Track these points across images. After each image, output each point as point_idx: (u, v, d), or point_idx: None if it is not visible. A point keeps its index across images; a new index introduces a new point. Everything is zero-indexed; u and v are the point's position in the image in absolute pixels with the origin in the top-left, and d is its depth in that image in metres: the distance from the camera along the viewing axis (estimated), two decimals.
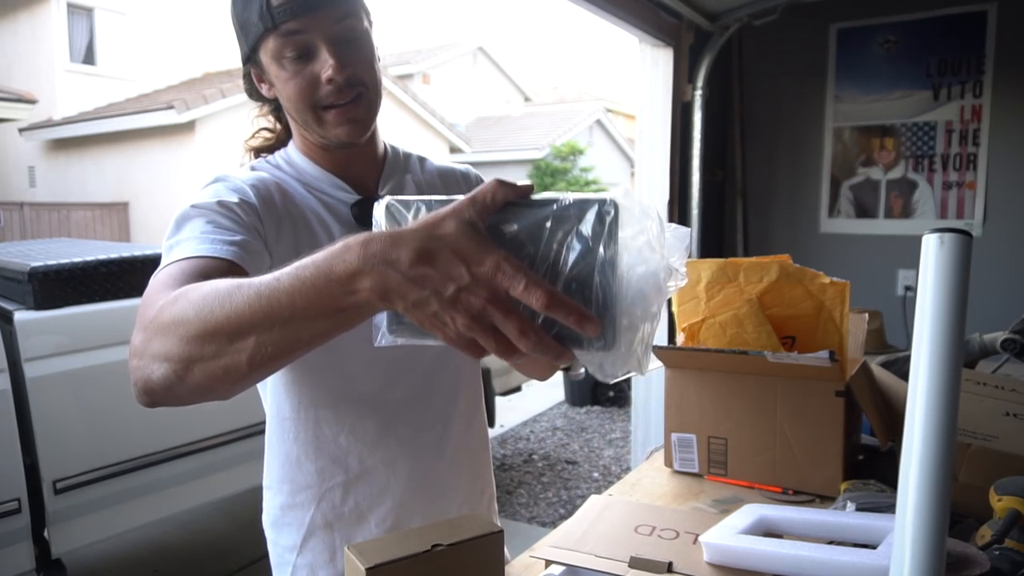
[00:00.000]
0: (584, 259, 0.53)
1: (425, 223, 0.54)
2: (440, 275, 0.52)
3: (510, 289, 0.52)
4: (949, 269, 0.58)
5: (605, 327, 0.53)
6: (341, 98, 0.90)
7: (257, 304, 0.58)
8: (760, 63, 3.42)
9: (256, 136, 1.06)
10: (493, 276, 0.52)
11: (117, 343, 2.45)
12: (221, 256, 0.78)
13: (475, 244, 0.52)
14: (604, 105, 18.42)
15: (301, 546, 1.00)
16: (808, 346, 1.22)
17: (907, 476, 0.57)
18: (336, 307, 0.56)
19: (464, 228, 0.53)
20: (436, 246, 0.52)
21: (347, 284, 0.54)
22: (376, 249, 0.53)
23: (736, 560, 0.85)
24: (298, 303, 0.56)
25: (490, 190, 0.55)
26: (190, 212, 0.85)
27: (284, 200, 0.94)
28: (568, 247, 0.54)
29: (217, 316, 0.60)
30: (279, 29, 0.87)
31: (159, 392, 0.65)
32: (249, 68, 0.96)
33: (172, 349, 0.63)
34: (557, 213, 0.54)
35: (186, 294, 0.65)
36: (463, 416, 1.06)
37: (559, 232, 0.54)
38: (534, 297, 0.51)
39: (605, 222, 0.53)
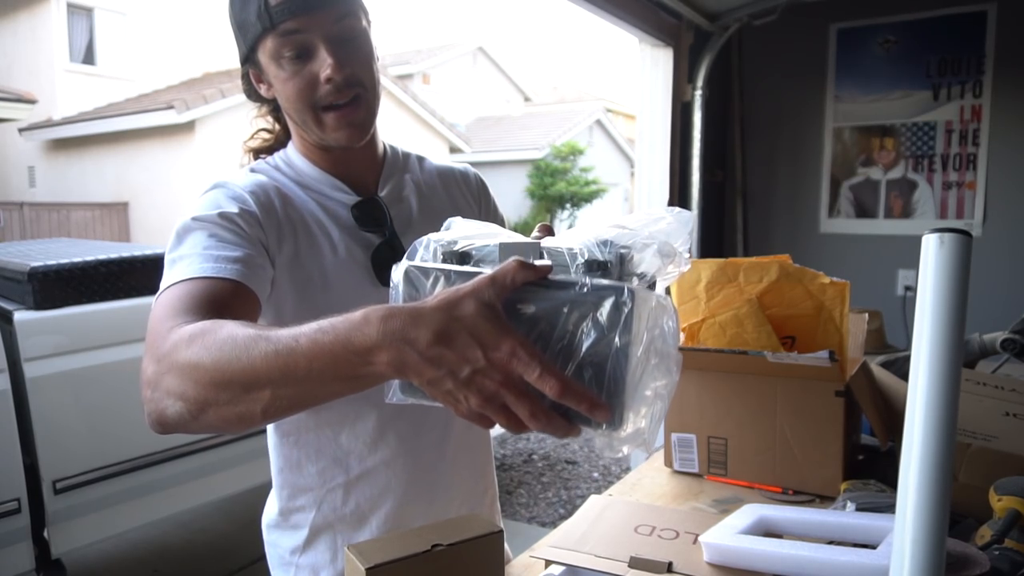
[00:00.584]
0: (598, 345, 0.55)
1: (444, 302, 0.55)
2: (457, 357, 0.54)
3: (524, 375, 0.53)
4: (949, 269, 0.58)
5: (614, 411, 0.55)
6: (340, 98, 0.90)
7: (274, 362, 0.59)
8: (760, 63, 3.42)
9: (255, 137, 1.06)
10: (509, 361, 0.53)
11: (117, 343, 2.45)
12: (225, 277, 0.78)
13: (492, 327, 0.54)
14: (604, 105, 18.42)
15: (303, 547, 1.00)
16: (808, 346, 1.22)
17: (907, 476, 0.57)
18: (351, 375, 0.57)
19: (482, 310, 0.54)
20: (455, 328, 0.53)
21: (364, 356, 0.55)
22: (395, 326, 0.54)
23: (736, 560, 0.85)
24: (315, 367, 0.58)
25: (511, 272, 0.56)
26: (191, 224, 0.85)
27: (284, 205, 0.94)
28: (584, 332, 0.55)
29: (234, 367, 0.61)
30: (277, 29, 0.87)
31: (172, 426, 0.67)
32: (247, 68, 0.95)
33: (187, 391, 0.64)
34: (575, 298, 0.55)
35: (203, 336, 0.65)
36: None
37: (575, 316, 0.55)
38: (548, 385, 0.53)
39: (622, 312, 0.54)
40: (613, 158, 17.68)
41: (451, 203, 1.09)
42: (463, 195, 1.12)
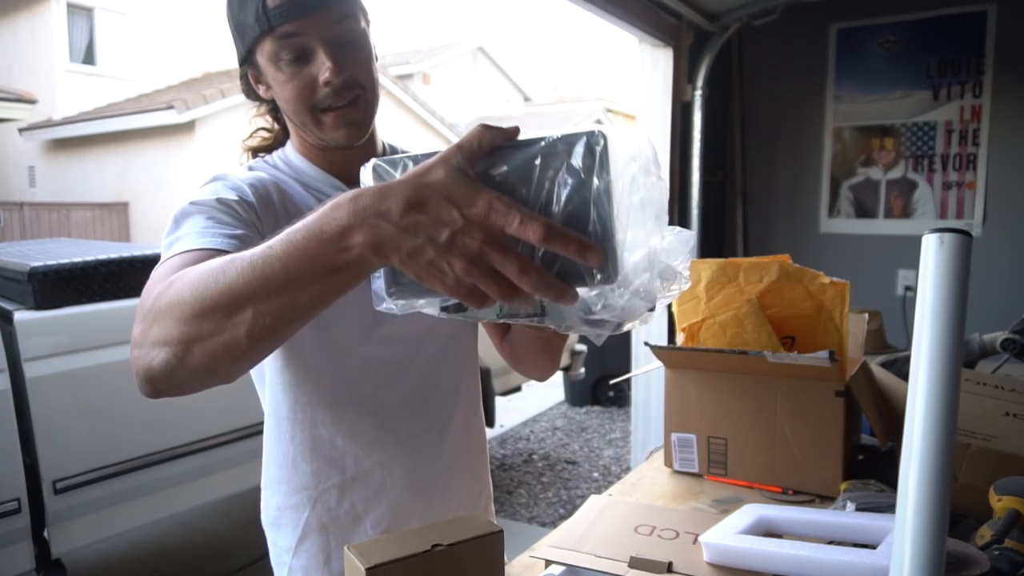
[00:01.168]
0: (578, 192, 0.52)
1: (413, 173, 0.53)
2: (432, 220, 0.52)
3: (505, 226, 0.51)
4: (949, 269, 0.58)
5: (606, 258, 0.52)
6: (339, 100, 0.89)
7: (251, 274, 0.57)
8: (760, 63, 3.42)
9: (254, 136, 1.06)
10: (486, 216, 0.51)
11: (117, 343, 2.45)
12: (221, 248, 0.77)
13: (465, 187, 0.52)
14: (604, 105, 18.42)
15: (296, 548, 1.00)
16: (808, 346, 1.22)
17: (907, 476, 0.57)
18: (330, 267, 0.55)
19: (453, 173, 0.52)
20: (426, 193, 0.52)
21: (339, 241, 0.54)
22: (366, 203, 0.53)
23: (736, 560, 0.85)
24: (291, 267, 0.56)
25: (476, 135, 0.54)
26: (189, 209, 0.84)
27: (282, 199, 0.94)
28: (560, 183, 0.53)
29: (212, 292, 0.59)
30: (276, 32, 0.86)
31: (161, 379, 0.64)
32: (246, 69, 0.95)
33: (171, 332, 0.62)
34: (545, 150, 0.53)
35: (181, 276, 0.64)
36: (461, 417, 1.06)
37: (550, 169, 0.53)
38: (531, 230, 0.50)
39: (595, 152, 0.52)
40: None
41: None
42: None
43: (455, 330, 1.04)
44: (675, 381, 1.32)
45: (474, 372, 1.10)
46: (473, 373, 1.10)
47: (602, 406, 5.61)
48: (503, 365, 3.99)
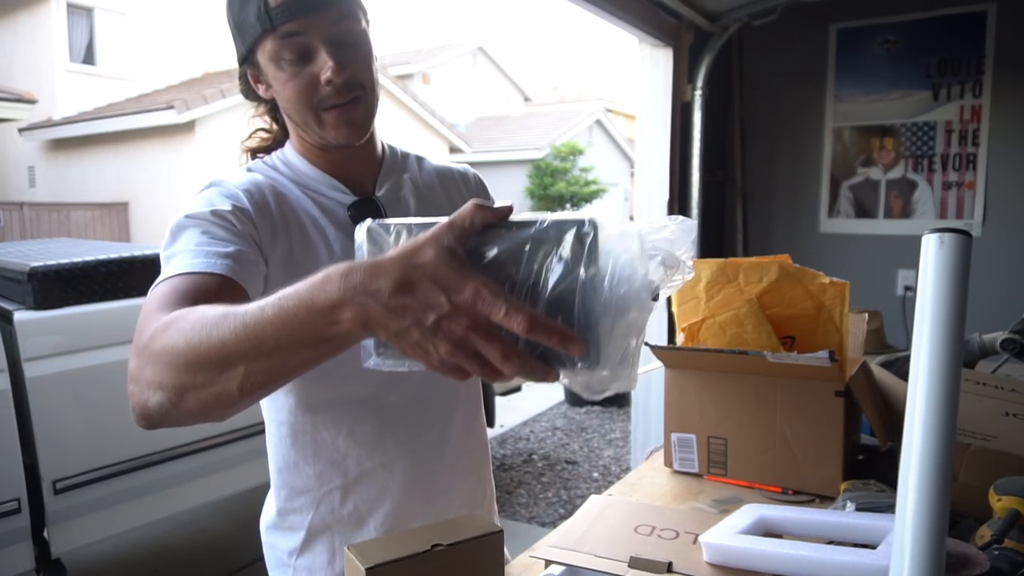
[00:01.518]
0: (565, 280, 0.53)
1: (404, 251, 0.54)
2: (420, 304, 0.53)
3: (491, 315, 0.52)
4: (949, 269, 0.58)
5: (589, 347, 0.53)
6: (339, 99, 0.89)
7: (243, 334, 0.59)
8: (760, 63, 3.42)
9: (253, 137, 1.06)
10: (473, 303, 0.52)
11: (117, 343, 2.45)
12: (214, 272, 0.78)
13: (454, 271, 0.53)
14: (604, 105, 18.42)
15: (301, 549, 1.00)
16: (808, 346, 1.22)
17: (907, 476, 0.57)
18: (319, 337, 0.57)
19: (443, 255, 0.53)
20: (415, 275, 0.53)
21: (328, 315, 0.55)
22: (356, 280, 0.54)
23: (736, 560, 0.85)
24: (282, 334, 0.57)
25: (468, 214, 0.55)
26: (185, 222, 0.85)
27: (279, 204, 0.94)
28: (548, 269, 0.54)
29: (205, 346, 0.61)
30: (277, 31, 0.86)
31: (155, 418, 0.66)
32: (245, 69, 0.95)
33: (165, 378, 0.64)
34: (536, 235, 0.54)
35: (176, 322, 0.66)
36: (462, 418, 1.06)
37: (539, 254, 0.54)
38: (515, 322, 0.52)
39: (585, 243, 0.53)
40: (613, 158, 17.68)
41: (449, 203, 1.09)
42: (461, 195, 1.11)
43: None
44: (675, 381, 1.32)
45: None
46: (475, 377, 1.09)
47: (602, 406, 5.61)
48: None
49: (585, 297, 0.53)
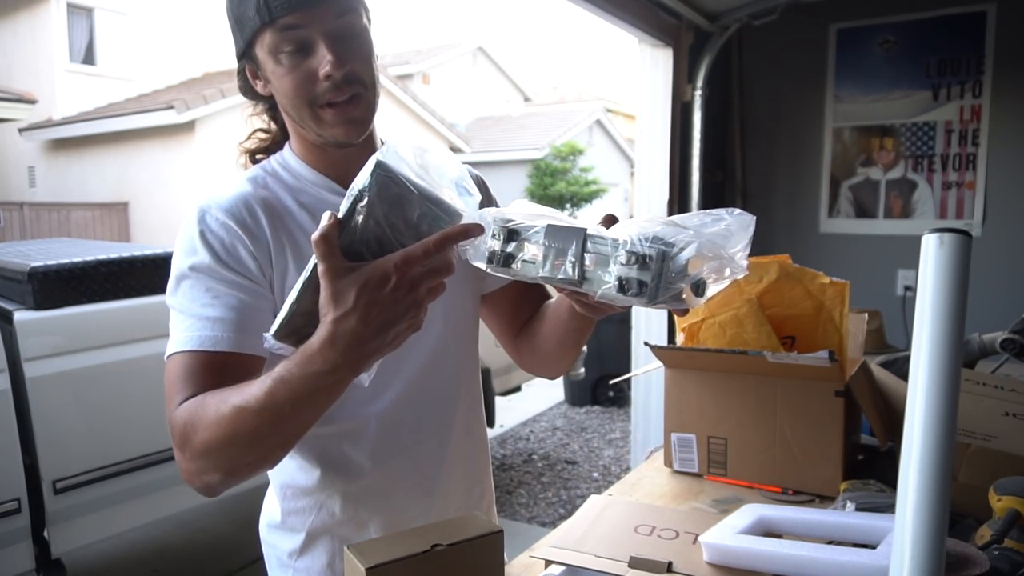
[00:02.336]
0: (407, 214, 0.66)
1: (331, 309, 0.66)
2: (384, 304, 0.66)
3: (423, 274, 0.66)
4: (949, 269, 0.58)
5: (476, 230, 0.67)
6: (338, 95, 0.88)
7: (267, 416, 0.72)
8: (760, 63, 3.42)
9: (251, 138, 1.04)
10: (404, 267, 0.65)
11: (117, 343, 2.45)
12: (220, 350, 0.84)
13: (364, 275, 0.65)
14: (604, 105, 18.42)
15: (300, 551, 1.00)
16: (808, 346, 1.22)
17: (907, 476, 0.57)
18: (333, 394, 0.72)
19: (339, 274, 0.65)
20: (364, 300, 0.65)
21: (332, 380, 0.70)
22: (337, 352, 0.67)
23: (736, 560, 0.85)
24: (303, 401, 0.72)
25: (322, 245, 0.66)
26: (187, 273, 0.87)
27: (272, 222, 0.92)
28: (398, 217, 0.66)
29: (235, 439, 0.75)
30: (276, 24, 0.85)
31: (219, 490, 0.81)
32: (244, 64, 0.93)
33: (216, 465, 0.78)
34: (359, 197, 0.66)
35: (200, 419, 0.77)
36: (462, 422, 1.06)
37: (375, 209, 0.66)
38: (436, 255, 0.65)
39: (389, 174, 0.66)
40: (613, 158, 17.68)
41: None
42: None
43: (455, 335, 1.04)
44: (675, 381, 1.32)
45: (474, 376, 1.10)
46: (473, 377, 1.09)
47: (602, 406, 5.60)
48: (503, 365, 4.00)
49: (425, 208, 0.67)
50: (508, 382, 4.17)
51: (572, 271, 0.68)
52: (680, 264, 0.64)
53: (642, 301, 0.65)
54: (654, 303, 0.66)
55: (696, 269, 0.64)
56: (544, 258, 0.72)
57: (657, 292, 0.65)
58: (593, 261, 0.69)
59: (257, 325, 0.85)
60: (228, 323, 0.84)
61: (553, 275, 0.70)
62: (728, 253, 0.64)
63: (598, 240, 0.68)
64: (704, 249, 0.64)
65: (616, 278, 0.66)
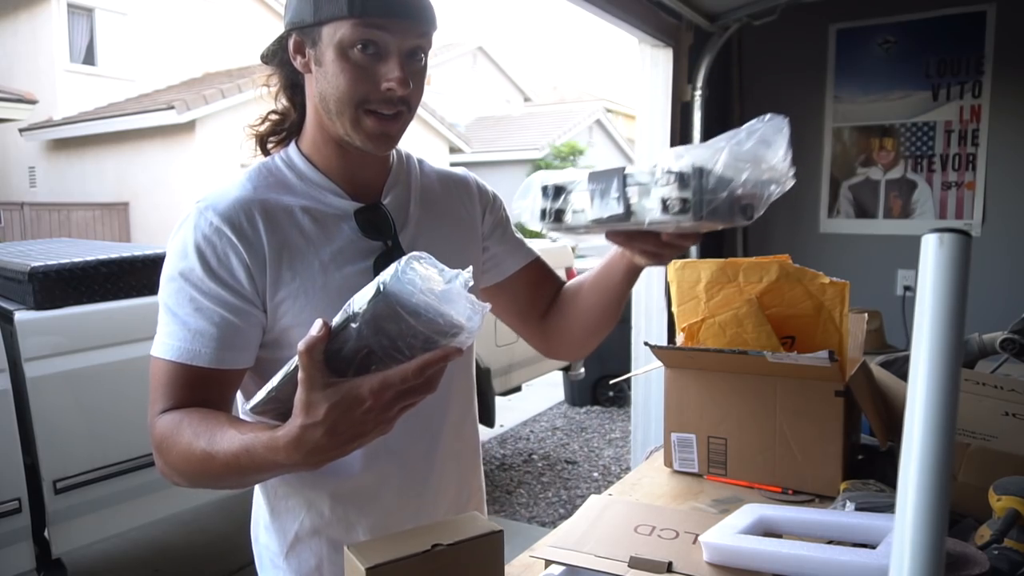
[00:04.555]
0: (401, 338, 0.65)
1: (305, 415, 0.68)
2: (353, 430, 0.69)
3: (400, 388, 0.67)
4: (948, 269, 0.58)
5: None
6: (387, 108, 0.89)
7: (232, 470, 0.78)
8: (760, 63, 3.42)
9: (264, 121, 1.02)
10: (380, 394, 0.66)
11: (117, 343, 2.45)
12: (200, 365, 0.87)
13: (341, 399, 0.66)
14: (604, 105, 18.42)
15: (288, 552, 0.99)
16: (808, 346, 1.22)
17: (907, 476, 0.57)
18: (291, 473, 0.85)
19: (325, 394, 0.67)
20: (334, 417, 0.67)
21: (291, 469, 0.76)
22: (298, 457, 0.71)
23: (736, 560, 0.85)
24: (262, 473, 0.82)
25: (305, 358, 0.66)
26: (176, 278, 0.88)
27: (269, 227, 0.91)
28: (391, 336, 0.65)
29: (203, 476, 0.83)
30: (365, 20, 0.84)
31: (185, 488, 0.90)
32: (294, 34, 0.91)
33: (181, 481, 0.86)
34: (352, 318, 0.64)
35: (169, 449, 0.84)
36: (453, 425, 1.05)
37: (364, 332, 0.65)
38: (415, 381, 0.67)
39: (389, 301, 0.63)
40: (613, 158, 17.67)
41: (452, 208, 1.08)
42: (463, 203, 1.10)
43: None
44: (675, 381, 1.32)
45: (467, 378, 1.09)
46: (466, 379, 1.09)
47: (602, 406, 5.61)
48: (503, 365, 4.00)
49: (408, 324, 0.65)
50: (508, 382, 4.17)
51: (618, 205, 0.72)
52: (717, 176, 0.67)
53: (688, 217, 0.69)
54: (702, 218, 0.69)
55: (735, 174, 0.66)
56: (591, 202, 0.77)
57: (701, 206, 0.69)
58: (636, 193, 0.75)
59: (239, 342, 0.89)
60: (209, 338, 0.87)
61: (602, 215, 0.74)
62: (767, 160, 0.66)
63: (637, 173, 0.74)
64: (737, 157, 0.66)
65: (659, 200, 0.69)
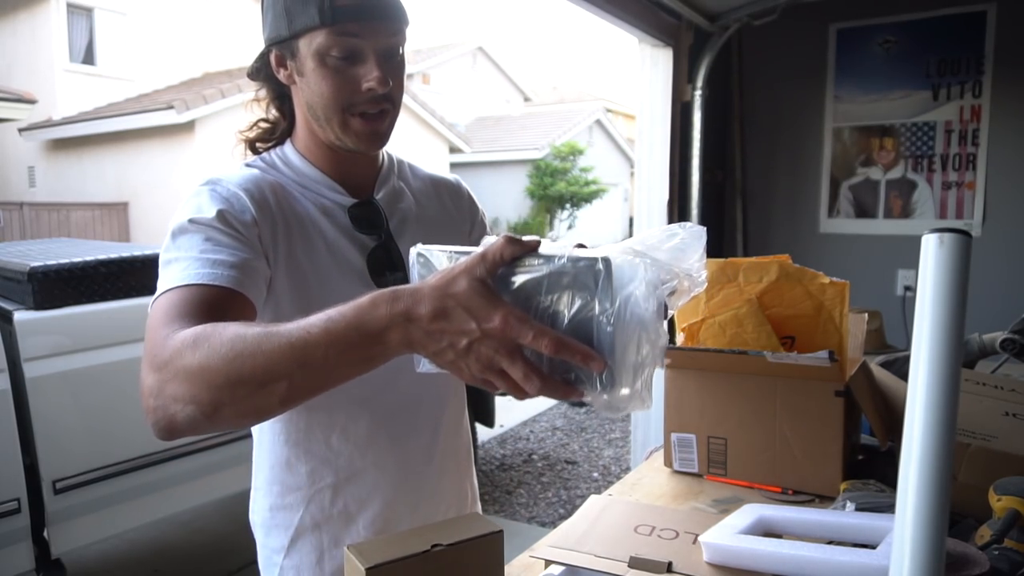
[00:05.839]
0: (582, 312, 0.59)
1: (442, 281, 0.60)
2: (454, 330, 0.59)
3: (519, 339, 0.58)
4: (949, 269, 0.58)
5: (606, 367, 0.59)
6: (371, 107, 0.91)
7: (290, 354, 0.63)
8: (760, 63, 3.42)
9: (253, 127, 1.05)
10: (501, 330, 0.58)
11: (117, 343, 2.45)
12: (219, 284, 0.79)
13: (484, 301, 0.59)
14: (604, 105, 18.43)
15: (288, 547, 1.00)
16: (808, 346, 1.22)
17: (907, 476, 0.57)
18: (367, 356, 0.64)
19: (475, 285, 0.59)
20: (450, 304, 0.59)
21: (377, 338, 0.62)
22: (400, 308, 0.60)
23: (736, 560, 0.85)
24: (331, 353, 0.62)
25: (499, 248, 0.61)
26: (187, 226, 0.85)
27: (278, 201, 0.94)
28: (567, 302, 0.60)
29: (248, 365, 0.64)
30: (336, 27, 0.87)
31: (182, 430, 0.69)
32: (273, 49, 0.93)
33: (199, 394, 0.66)
34: (556, 270, 0.60)
35: (207, 339, 0.67)
36: (450, 422, 1.08)
37: (558, 287, 0.60)
38: (543, 344, 0.58)
39: (599, 279, 0.59)
40: (613, 158, 17.69)
41: (444, 211, 1.11)
42: (454, 204, 1.13)
43: None
44: (675, 381, 1.32)
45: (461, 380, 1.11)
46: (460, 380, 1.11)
47: None
48: None
49: (600, 327, 0.59)
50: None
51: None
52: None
53: (620, 413, 0.67)
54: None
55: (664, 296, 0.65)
56: None
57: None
58: None
59: (255, 279, 0.84)
60: (227, 266, 0.81)
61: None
62: (682, 269, 0.66)
63: None
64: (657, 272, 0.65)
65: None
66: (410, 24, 0.94)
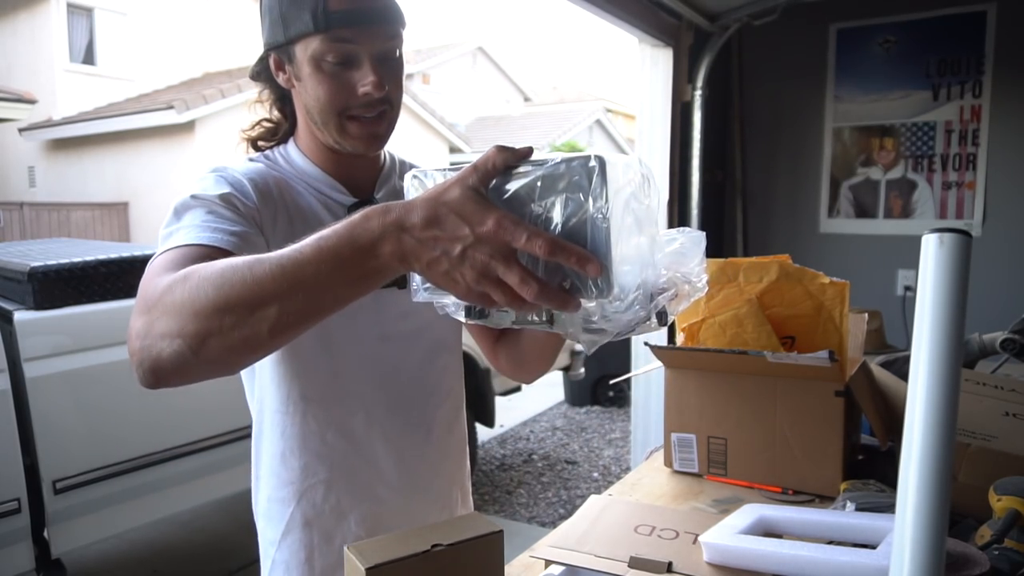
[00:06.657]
0: (577, 212, 0.58)
1: (434, 191, 0.59)
2: (447, 236, 0.58)
3: (513, 242, 0.56)
4: (949, 269, 0.58)
5: (602, 271, 0.57)
6: (368, 111, 0.92)
7: (281, 274, 0.61)
8: (760, 63, 3.42)
9: (255, 127, 1.06)
10: (495, 233, 0.56)
11: (117, 343, 2.45)
12: (221, 246, 0.78)
13: (477, 206, 0.57)
14: (604, 105, 18.41)
15: (280, 541, 1.01)
16: (808, 346, 1.22)
17: (907, 476, 0.57)
18: (360, 272, 0.61)
19: (467, 192, 0.58)
20: (443, 211, 0.58)
21: (370, 250, 0.59)
22: (393, 217, 0.59)
23: (736, 560, 0.85)
24: (323, 270, 0.60)
25: (491, 156, 0.60)
26: (190, 202, 0.86)
27: (281, 193, 0.95)
28: (561, 202, 0.58)
29: (238, 289, 0.62)
30: (330, 33, 0.87)
31: (168, 370, 0.65)
32: (272, 53, 0.95)
33: (186, 325, 0.63)
34: (549, 172, 0.59)
35: (197, 271, 0.65)
36: (445, 420, 1.08)
37: (552, 189, 0.59)
38: (536, 245, 0.56)
39: (592, 176, 0.57)
40: None
41: None
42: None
43: (443, 334, 1.06)
44: (675, 381, 1.32)
45: (459, 376, 1.12)
46: (458, 377, 1.12)
47: (602, 406, 5.60)
48: None
49: (595, 227, 0.57)
50: (508, 382, 4.17)
51: (541, 314, 0.68)
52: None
53: (609, 335, 0.66)
54: (621, 335, 0.67)
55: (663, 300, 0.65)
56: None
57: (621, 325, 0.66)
58: None
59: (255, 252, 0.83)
60: (228, 232, 0.81)
61: (524, 321, 0.70)
62: (682, 273, 0.66)
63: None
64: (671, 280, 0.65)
65: (581, 317, 0.65)
66: (407, 26, 0.95)
